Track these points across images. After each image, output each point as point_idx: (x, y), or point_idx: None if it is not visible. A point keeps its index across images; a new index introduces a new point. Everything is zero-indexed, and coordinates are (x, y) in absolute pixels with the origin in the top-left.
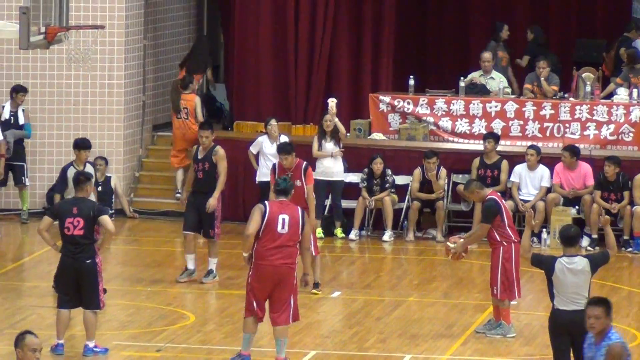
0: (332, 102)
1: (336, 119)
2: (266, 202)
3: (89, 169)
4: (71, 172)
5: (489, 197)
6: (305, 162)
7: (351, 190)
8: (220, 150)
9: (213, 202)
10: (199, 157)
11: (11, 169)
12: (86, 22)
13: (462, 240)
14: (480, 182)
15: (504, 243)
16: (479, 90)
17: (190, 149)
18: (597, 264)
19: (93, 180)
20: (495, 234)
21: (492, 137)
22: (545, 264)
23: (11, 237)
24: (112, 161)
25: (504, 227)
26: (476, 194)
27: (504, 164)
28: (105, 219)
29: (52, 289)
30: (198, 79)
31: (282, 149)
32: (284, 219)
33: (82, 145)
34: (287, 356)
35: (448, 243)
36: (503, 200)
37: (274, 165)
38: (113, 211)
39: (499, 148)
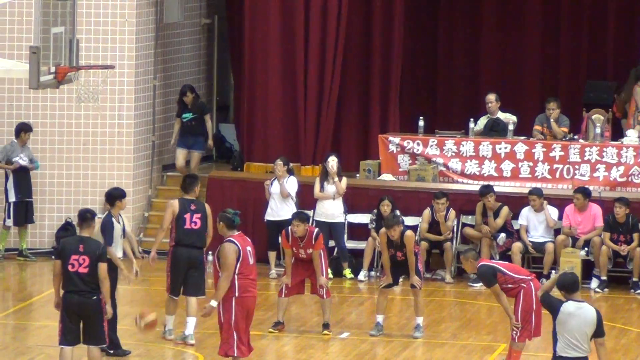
0: (332, 162)
1: (336, 179)
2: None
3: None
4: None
5: (479, 265)
6: (316, 230)
7: (360, 231)
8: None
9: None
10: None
11: (26, 205)
12: (96, 62)
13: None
14: (477, 254)
15: (523, 285)
16: (501, 129)
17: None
18: (599, 325)
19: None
20: (509, 286)
21: (488, 190)
22: (552, 307)
23: (18, 276)
24: None
25: (511, 276)
26: (470, 263)
27: (504, 210)
28: (103, 267)
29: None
30: None
31: (297, 216)
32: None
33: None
34: None
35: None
36: (493, 260)
37: (286, 230)
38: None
39: (508, 189)
